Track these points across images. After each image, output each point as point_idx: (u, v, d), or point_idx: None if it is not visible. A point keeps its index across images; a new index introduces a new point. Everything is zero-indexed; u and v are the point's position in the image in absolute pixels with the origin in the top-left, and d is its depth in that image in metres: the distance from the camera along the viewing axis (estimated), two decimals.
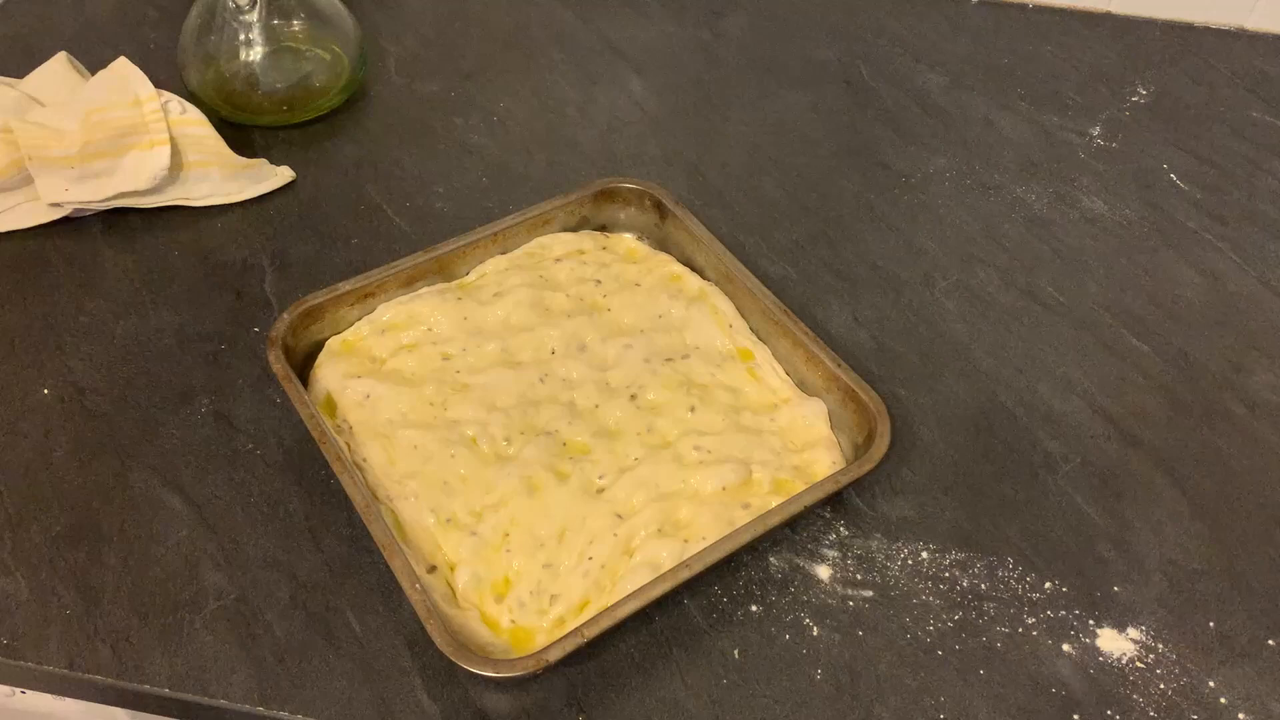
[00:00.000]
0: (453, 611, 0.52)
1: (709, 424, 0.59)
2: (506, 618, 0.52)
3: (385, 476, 0.57)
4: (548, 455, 0.58)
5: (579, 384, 0.62)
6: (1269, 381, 0.63)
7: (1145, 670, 0.51)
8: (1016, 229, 0.70)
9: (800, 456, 0.58)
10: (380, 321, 0.64)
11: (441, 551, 0.54)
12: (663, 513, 0.55)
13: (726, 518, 0.54)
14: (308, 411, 0.56)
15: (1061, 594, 0.53)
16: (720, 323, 0.65)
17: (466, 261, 0.67)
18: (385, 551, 0.51)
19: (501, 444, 0.58)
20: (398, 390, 0.60)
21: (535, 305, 0.65)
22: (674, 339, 0.64)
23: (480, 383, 0.61)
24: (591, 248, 0.70)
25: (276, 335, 0.59)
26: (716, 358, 0.63)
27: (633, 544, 0.54)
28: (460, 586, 0.53)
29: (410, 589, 0.49)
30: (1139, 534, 0.56)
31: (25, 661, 0.49)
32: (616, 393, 0.61)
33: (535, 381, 0.62)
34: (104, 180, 0.66)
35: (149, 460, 0.56)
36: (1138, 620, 0.52)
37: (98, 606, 0.51)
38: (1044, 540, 0.55)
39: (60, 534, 0.54)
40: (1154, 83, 0.80)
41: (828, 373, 0.59)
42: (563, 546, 0.54)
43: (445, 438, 0.58)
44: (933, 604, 0.53)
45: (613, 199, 0.70)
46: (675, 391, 0.61)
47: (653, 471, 0.57)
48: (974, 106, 0.78)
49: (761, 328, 0.64)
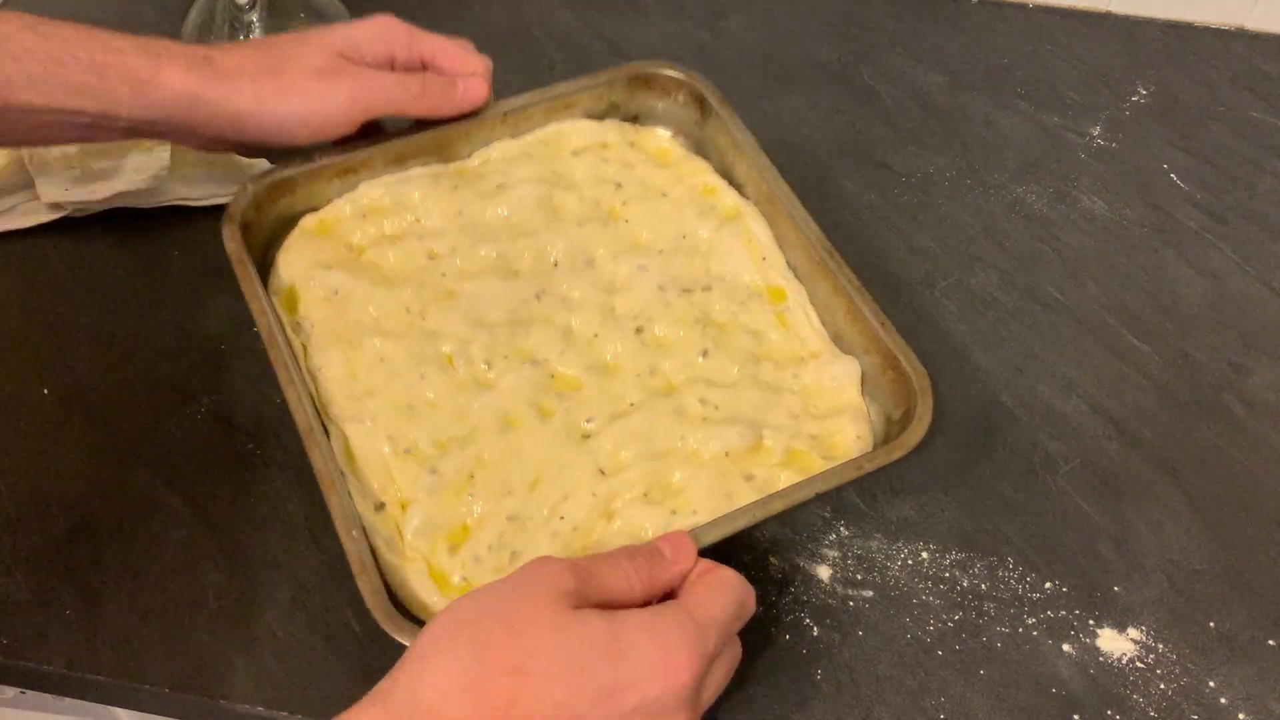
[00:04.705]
0: (395, 560, 0.46)
1: (721, 373, 0.52)
2: (458, 573, 0.46)
3: (341, 391, 0.50)
4: (532, 387, 0.51)
5: (580, 306, 0.54)
6: (1269, 381, 0.63)
7: (1145, 670, 0.51)
8: (1016, 229, 0.70)
9: (821, 425, 0.51)
10: (362, 202, 0.56)
11: (394, 486, 0.48)
12: (652, 473, 0.49)
13: (725, 489, 0.48)
14: (259, 304, 0.49)
15: (1062, 594, 0.53)
16: (753, 252, 0.56)
17: (470, 142, 0.59)
18: (323, 486, 0.45)
19: (481, 367, 0.52)
20: (372, 288, 0.53)
21: (543, 205, 0.57)
22: (696, 265, 0.56)
23: (468, 291, 0.54)
24: (617, 141, 0.61)
25: (236, 209, 0.52)
26: (742, 294, 0.55)
27: (613, 506, 0.48)
28: (410, 531, 0.47)
29: (346, 535, 0.44)
30: (1139, 534, 0.56)
31: (25, 661, 0.49)
32: (621, 322, 0.54)
33: (530, 297, 0.54)
34: (104, 180, 0.65)
35: (149, 460, 0.56)
36: (1138, 620, 0.52)
37: (98, 607, 0.51)
38: (1044, 540, 0.55)
39: (60, 534, 0.53)
40: (1154, 82, 0.80)
41: (869, 331, 0.52)
42: (533, 497, 0.48)
43: (418, 352, 0.51)
44: (933, 604, 0.53)
45: (649, 86, 0.61)
46: (689, 329, 0.53)
47: (648, 422, 0.50)
48: (974, 106, 0.78)
49: (800, 265, 0.55)
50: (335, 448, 0.47)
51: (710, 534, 0.45)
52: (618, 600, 0.41)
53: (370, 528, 0.46)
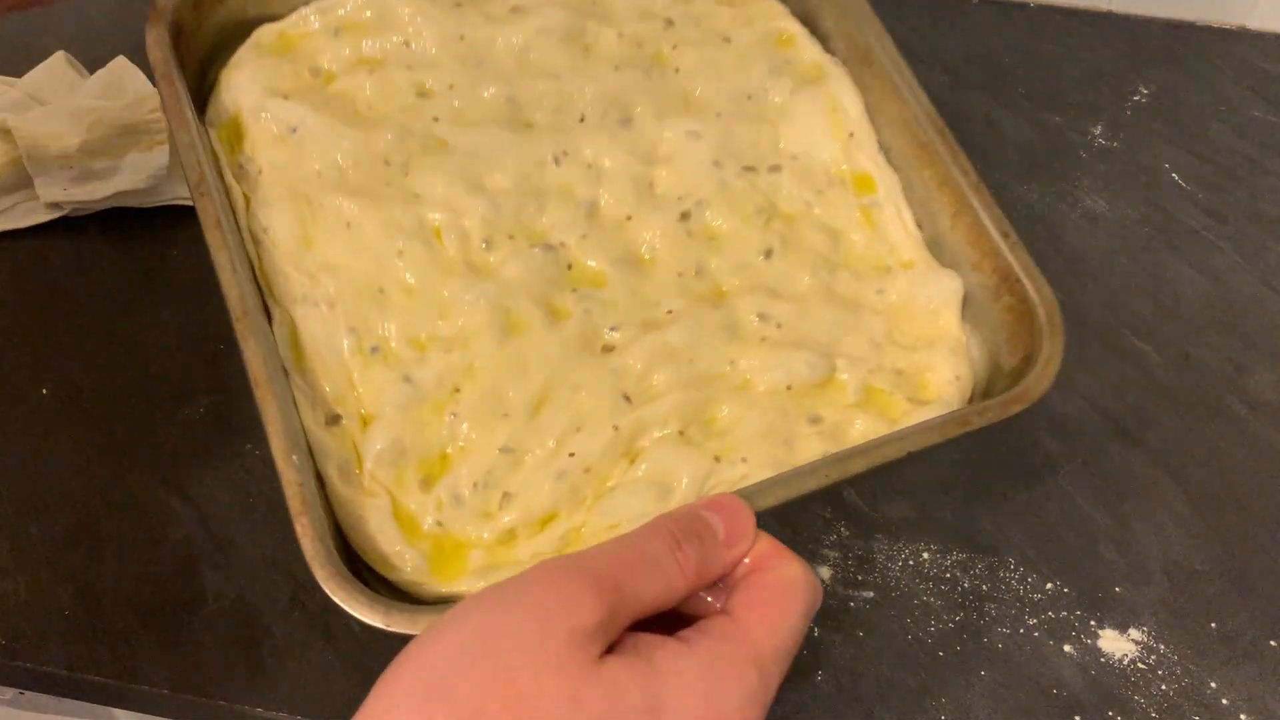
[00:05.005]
0: (350, 494, 0.36)
1: (787, 281, 0.42)
2: (431, 516, 0.37)
3: (291, 262, 0.39)
4: (542, 279, 0.40)
5: (610, 177, 0.42)
6: (1271, 381, 0.62)
7: (1147, 671, 0.51)
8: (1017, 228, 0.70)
9: (909, 358, 0.41)
10: (336, 13, 0.44)
11: (354, 395, 0.38)
12: (692, 406, 0.38)
13: (783, 432, 0.39)
14: (189, 135, 0.38)
15: (1063, 595, 0.53)
16: (837, 126, 0.44)
17: None
18: (257, 388, 0.35)
19: (478, 247, 0.40)
20: (341, 129, 0.41)
21: (570, 39, 0.45)
22: (763, 137, 0.44)
23: (465, 144, 0.42)
24: None
25: (167, 5, 0.40)
26: (820, 179, 0.44)
27: (638, 444, 0.38)
28: (371, 456, 0.37)
29: (283, 458, 0.34)
30: (1140, 534, 0.56)
31: (24, 662, 0.49)
32: (662, 204, 0.42)
33: (547, 160, 0.42)
34: (103, 180, 0.65)
35: (148, 460, 0.56)
36: (1139, 621, 0.52)
37: (97, 607, 0.51)
38: (1045, 541, 0.55)
39: (59, 534, 0.53)
40: (1155, 82, 0.79)
41: (983, 240, 0.41)
42: (536, 424, 0.38)
43: (395, 220, 0.40)
44: (934, 605, 0.52)
45: None
46: (749, 220, 0.42)
47: (689, 337, 0.39)
48: (974, 106, 0.77)
49: (898, 147, 0.44)
50: (279, 337, 0.37)
51: (769, 496, 0.35)
52: (655, 608, 0.31)
53: (319, 448, 0.36)
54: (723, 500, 0.33)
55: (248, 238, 0.38)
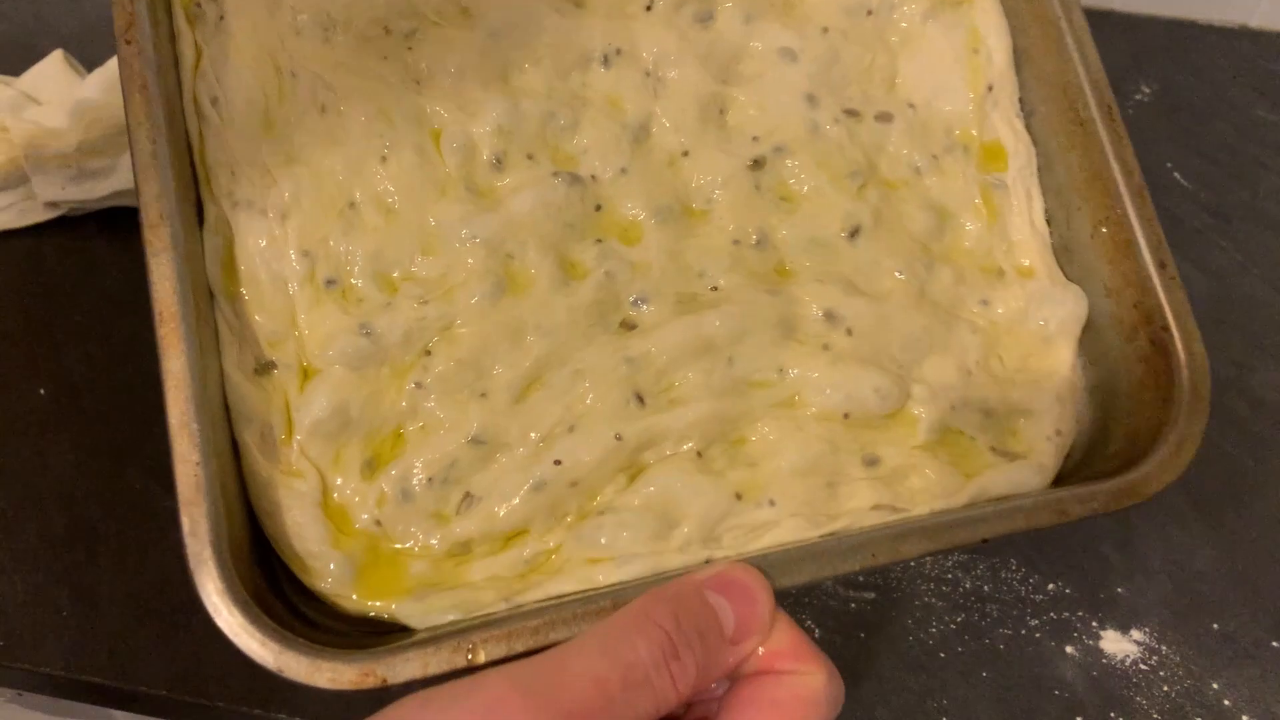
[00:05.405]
0: (270, 474, 0.29)
1: (871, 272, 0.32)
2: (369, 511, 0.30)
3: (243, 150, 0.30)
4: (560, 220, 0.31)
5: (672, 92, 0.32)
6: (1272, 381, 0.62)
7: (1149, 672, 0.51)
8: None
9: (1005, 395, 0.33)
10: None
11: (296, 339, 0.30)
12: (719, 421, 0.30)
13: (829, 472, 0.31)
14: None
15: (1065, 595, 0.53)
16: (974, 72, 0.34)
17: None
18: (161, 309, 0.27)
19: (485, 164, 0.31)
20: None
21: None
22: (877, 70, 0.34)
23: (493, 13, 0.31)
24: None
25: None
26: (939, 139, 0.34)
27: (642, 460, 0.30)
28: (306, 421, 0.30)
29: (179, 429, 0.26)
30: (1142, 535, 0.55)
31: (22, 664, 0.49)
32: (732, 140, 0.33)
33: (595, 55, 0.32)
34: (101, 179, 0.65)
35: (146, 461, 0.56)
36: (1141, 622, 0.52)
37: (94, 608, 0.51)
38: (1047, 541, 0.55)
39: (57, 535, 0.53)
40: (1157, 81, 0.79)
41: (1131, 262, 0.31)
42: (519, 413, 0.30)
43: (385, 110, 0.30)
44: (935, 605, 0.52)
45: None
46: (838, 182, 0.32)
47: (734, 328, 0.31)
48: None
49: (1045, 116, 0.34)
50: (208, 248, 0.28)
51: (797, 571, 0.27)
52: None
53: (238, 406, 0.28)
54: (735, 577, 0.26)
55: (189, 107, 0.29)
